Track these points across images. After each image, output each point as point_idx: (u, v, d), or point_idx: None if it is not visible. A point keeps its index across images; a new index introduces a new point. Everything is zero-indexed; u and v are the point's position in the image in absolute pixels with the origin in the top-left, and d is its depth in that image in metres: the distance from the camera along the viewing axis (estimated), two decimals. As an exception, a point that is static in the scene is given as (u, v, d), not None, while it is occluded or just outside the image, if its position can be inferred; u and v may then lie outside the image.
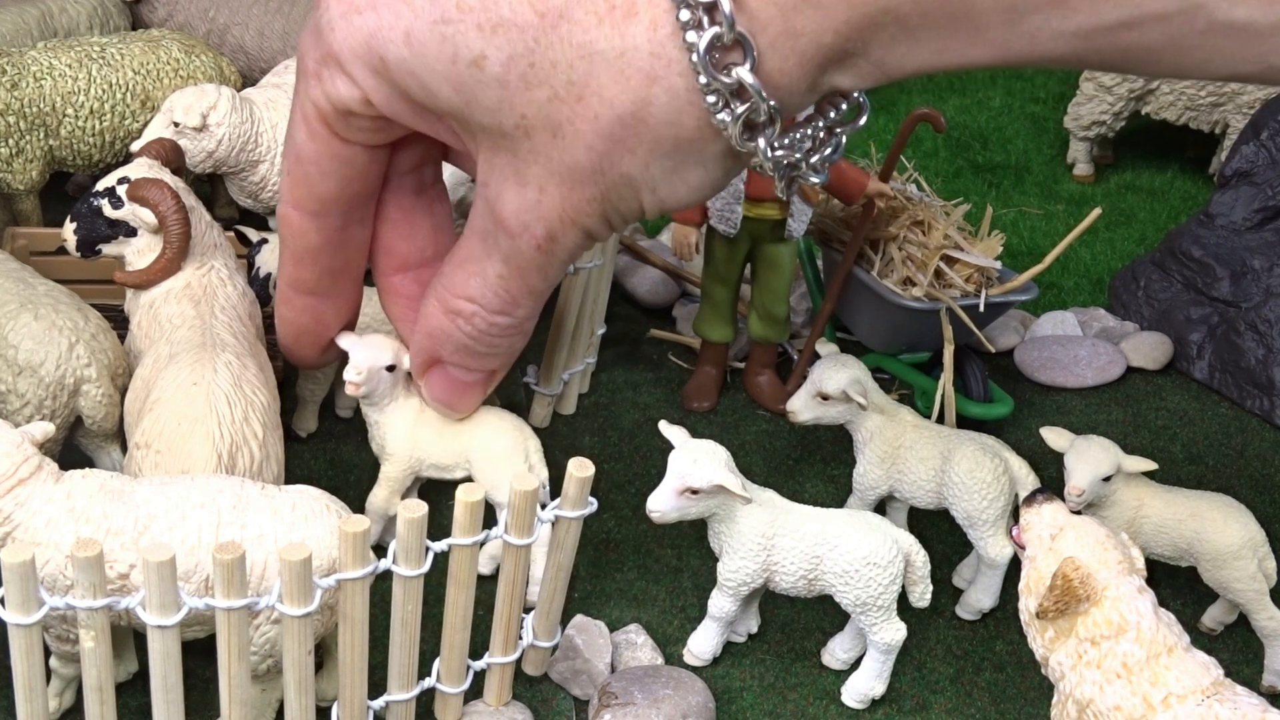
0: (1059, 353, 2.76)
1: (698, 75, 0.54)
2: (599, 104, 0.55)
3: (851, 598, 1.82)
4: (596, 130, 0.56)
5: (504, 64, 0.58)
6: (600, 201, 0.60)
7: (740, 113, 0.54)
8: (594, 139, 0.57)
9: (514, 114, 0.58)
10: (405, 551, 1.57)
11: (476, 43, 0.57)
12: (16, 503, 1.54)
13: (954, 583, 2.15)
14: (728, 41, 0.52)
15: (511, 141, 0.59)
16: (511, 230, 0.62)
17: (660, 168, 0.58)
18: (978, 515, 2.01)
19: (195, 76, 2.57)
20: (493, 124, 0.60)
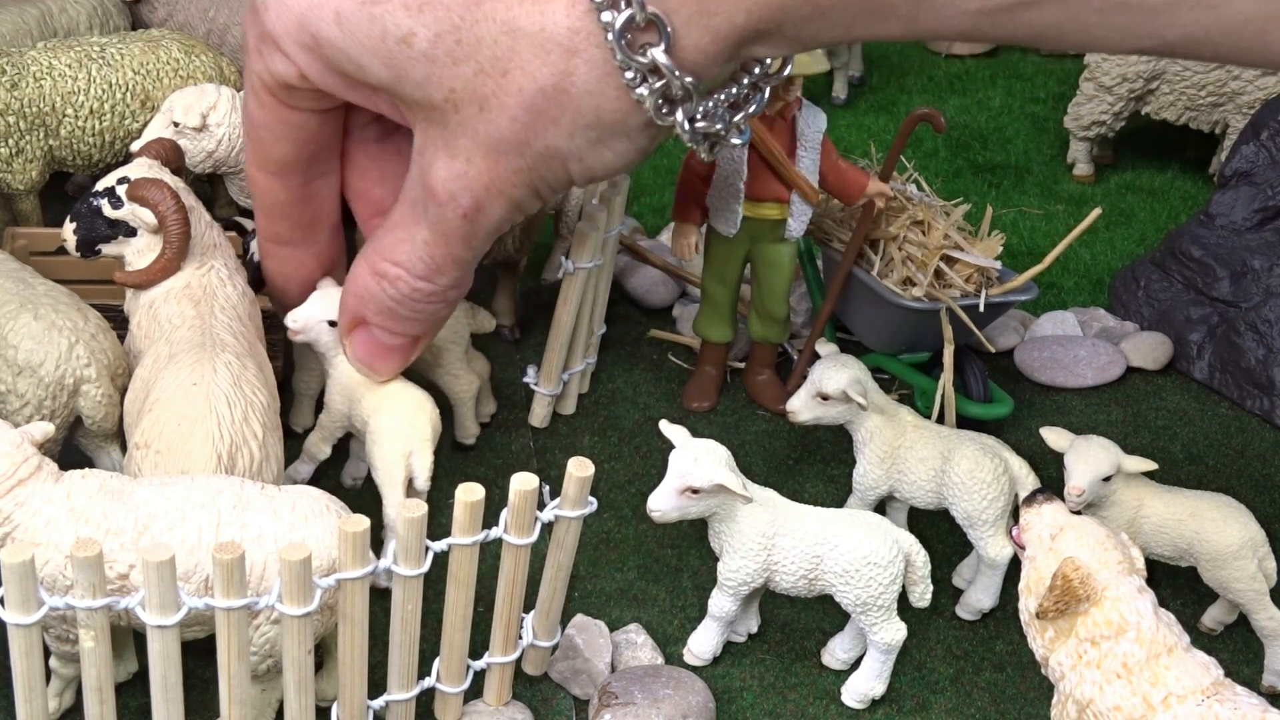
0: (1059, 353, 2.76)
1: (614, 54, 0.55)
2: (522, 77, 0.57)
3: (852, 597, 1.82)
4: (520, 103, 0.58)
5: (431, 40, 0.61)
6: (527, 172, 0.63)
7: (657, 88, 0.57)
8: (518, 111, 0.58)
9: (442, 88, 0.58)
10: (405, 551, 1.57)
11: (405, 21, 0.61)
12: (16, 503, 1.54)
13: (954, 583, 2.15)
14: (641, 22, 0.54)
15: (441, 114, 0.60)
16: (440, 199, 0.65)
17: (584, 139, 0.59)
18: (978, 515, 2.01)
19: (195, 76, 2.57)
20: (422, 98, 0.63)
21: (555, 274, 2.71)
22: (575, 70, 0.57)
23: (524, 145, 0.60)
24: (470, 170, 0.63)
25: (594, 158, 0.62)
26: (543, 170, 0.62)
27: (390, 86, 0.63)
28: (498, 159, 0.61)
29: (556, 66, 0.57)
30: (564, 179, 0.63)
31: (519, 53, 0.57)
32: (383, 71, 0.62)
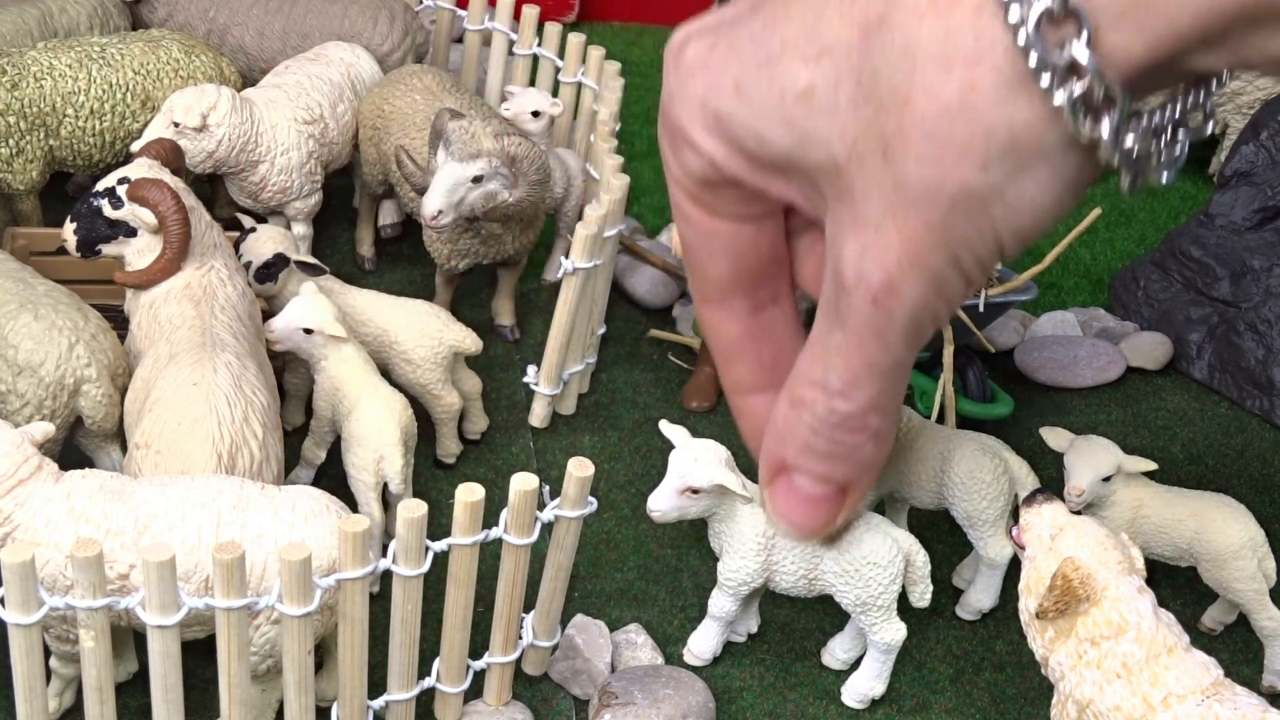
0: (1059, 353, 2.76)
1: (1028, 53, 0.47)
2: (925, 101, 0.48)
3: (852, 597, 1.82)
4: (923, 132, 0.49)
5: (831, 89, 0.52)
6: (941, 229, 0.51)
7: (1077, 94, 0.47)
8: (921, 143, 0.49)
9: (845, 140, 0.51)
10: (405, 551, 1.57)
11: (802, 75, 0.52)
12: (16, 503, 1.54)
13: (954, 583, 2.15)
14: (1059, 15, 0.46)
15: (847, 178, 0.52)
16: (848, 284, 0.54)
17: (1001, 168, 0.50)
18: (978, 515, 2.01)
19: (195, 76, 2.57)
20: (827, 160, 0.53)
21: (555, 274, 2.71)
22: (981, 81, 0.48)
23: (933, 189, 0.50)
24: (878, 239, 0.52)
25: (1016, 193, 0.50)
26: (961, 224, 0.51)
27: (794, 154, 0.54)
28: (906, 216, 0.51)
29: (961, 80, 0.47)
30: (989, 235, 0.52)
31: (919, 74, 0.48)
32: (784, 137, 0.53)
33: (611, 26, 3.82)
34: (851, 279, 0.54)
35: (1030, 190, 0.51)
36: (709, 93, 0.54)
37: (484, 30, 2.94)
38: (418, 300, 2.29)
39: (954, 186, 0.50)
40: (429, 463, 2.26)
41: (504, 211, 2.26)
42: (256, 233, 2.25)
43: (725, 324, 0.64)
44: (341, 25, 2.80)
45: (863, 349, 0.56)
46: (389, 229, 2.82)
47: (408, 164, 2.32)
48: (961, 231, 0.52)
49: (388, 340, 2.22)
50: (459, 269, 2.45)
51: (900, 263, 0.52)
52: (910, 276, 0.53)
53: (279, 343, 2.06)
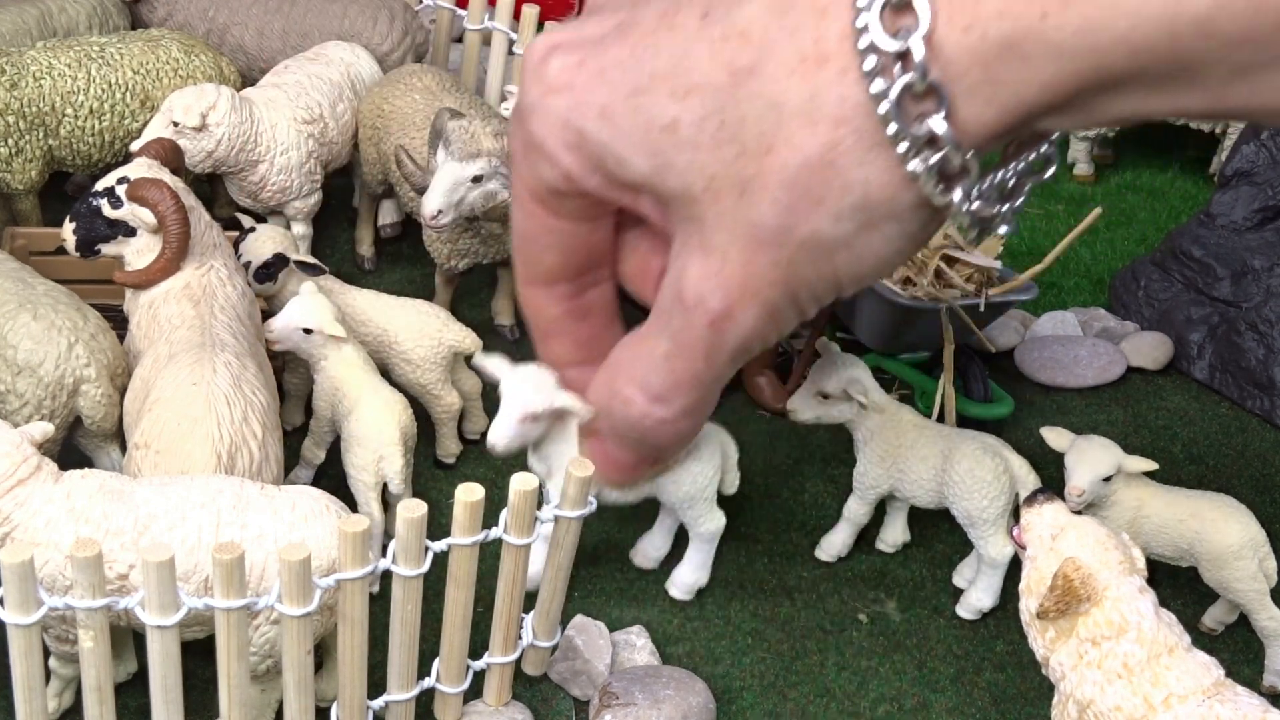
0: (1059, 353, 2.76)
1: (887, 123, 0.50)
2: (787, 152, 0.52)
3: (680, 495, 1.97)
4: (782, 180, 0.53)
5: (696, 125, 0.55)
6: (786, 267, 0.55)
7: (933, 163, 0.51)
8: (779, 191, 0.53)
9: (704, 175, 0.54)
10: (405, 551, 1.57)
11: (670, 108, 0.55)
12: (16, 503, 1.54)
13: (954, 582, 2.15)
14: (919, 90, 0.50)
15: (700, 207, 0.55)
16: (688, 303, 0.58)
17: (851, 222, 0.54)
18: (978, 514, 2.01)
19: (195, 76, 2.57)
20: (682, 188, 0.57)
21: (555, 274, 2.71)
22: (843, 141, 0.51)
23: (784, 232, 0.54)
24: (725, 268, 0.56)
25: (863, 244, 0.54)
26: (805, 267, 0.56)
27: (651, 179, 0.58)
28: (755, 251, 0.55)
29: (823, 137, 0.51)
30: (829, 278, 0.56)
31: (784, 126, 0.51)
32: (644, 163, 0.57)
33: (611, 26, 3.81)
34: (692, 300, 0.58)
35: (876, 243, 0.55)
36: (573, 113, 0.57)
37: (484, 30, 2.94)
38: (417, 300, 2.29)
39: (804, 233, 0.54)
40: (429, 463, 2.26)
41: (504, 211, 2.25)
42: (256, 233, 2.25)
43: (548, 306, 0.68)
44: (341, 25, 2.80)
45: (690, 363, 0.61)
46: (389, 229, 2.82)
47: (407, 164, 2.32)
48: (804, 273, 0.56)
49: (387, 340, 2.22)
50: (459, 269, 2.44)
51: (742, 293, 0.56)
52: (749, 307, 0.57)
53: (278, 343, 2.06)
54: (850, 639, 2.02)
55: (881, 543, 2.20)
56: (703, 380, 0.62)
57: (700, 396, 0.64)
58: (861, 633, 2.04)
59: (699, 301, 0.58)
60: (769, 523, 2.26)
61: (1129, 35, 0.46)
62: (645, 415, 0.64)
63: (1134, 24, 0.46)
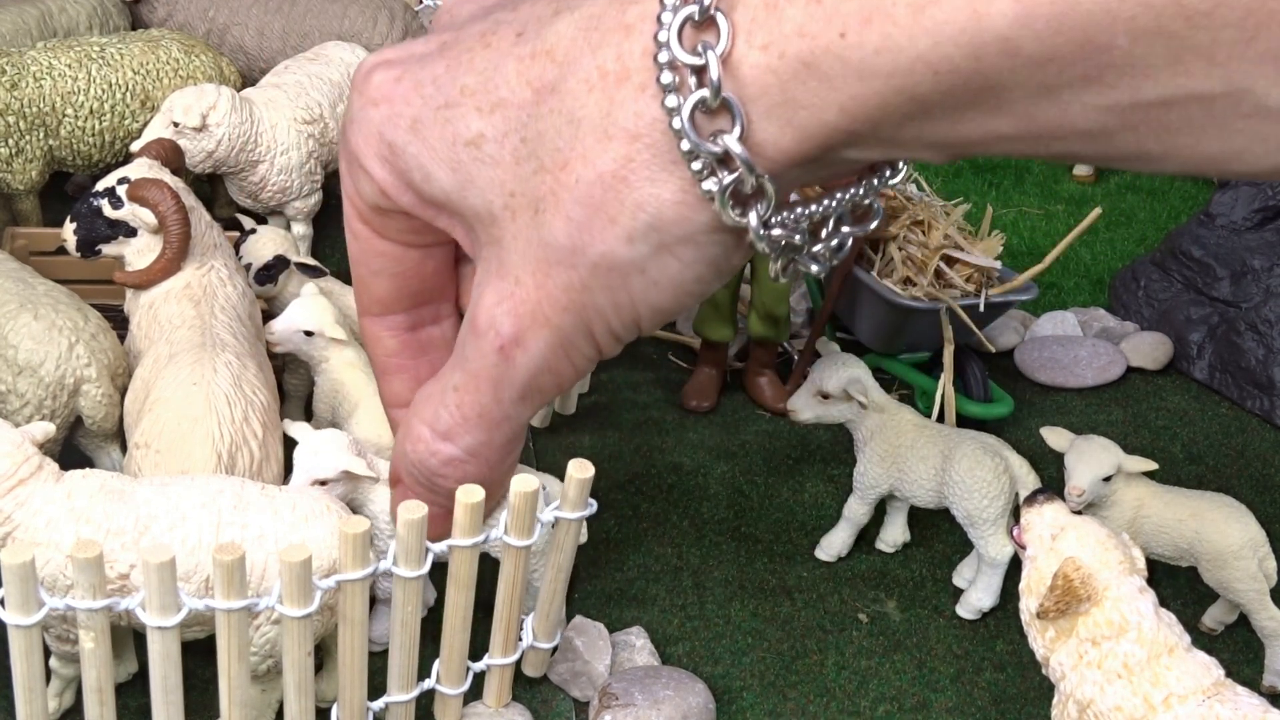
0: (1059, 353, 2.76)
1: (680, 140, 0.49)
2: (581, 166, 0.50)
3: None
4: (575, 196, 0.51)
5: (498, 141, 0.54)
6: (579, 292, 0.53)
7: (727, 183, 0.49)
8: (573, 207, 0.51)
9: (503, 192, 0.53)
10: (405, 553, 1.57)
11: (475, 123, 0.54)
12: (17, 503, 1.54)
13: (954, 582, 2.15)
14: (713, 106, 0.48)
15: (499, 228, 0.54)
16: (479, 329, 0.56)
17: (646, 244, 0.51)
18: (978, 514, 2.01)
19: (195, 76, 2.57)
20: (483, 206, 0.56)
21: (555, 274, 2.71)
22: (637, 156, 0.49)
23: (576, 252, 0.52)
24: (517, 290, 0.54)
25: (658, 269, 0.52)
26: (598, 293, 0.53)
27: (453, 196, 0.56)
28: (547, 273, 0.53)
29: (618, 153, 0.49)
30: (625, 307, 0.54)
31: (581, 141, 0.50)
32: (448, 178, 0.56)
33: (611, 26, 3.82)
34: (484, 324, 0.55)
35: (673, 268, 0.52)
36: (386, 125, 0.56)
37: (484, 30, 2.94)
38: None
39: (597, 253, 0.52)
40: (429, 463, 2.26)
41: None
42: (256, 234, 2.25)
43: (384, 339, 0.65)
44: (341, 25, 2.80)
45: (477, 395, 0.58)
46: (389, 229, 2.82)
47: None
48: (598, 299, 0.53)
49: None
50: (459, 269, 2.45)
51: (534, 317, 0.54)
52: (540, 333, 0.55)
53: (279, 344, 2.06)
54: (850, 639, 2.02)
55: (881, 543, 2.21)
56: (490, 416, 0.59)
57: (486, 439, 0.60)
58: (861, 632, 2.04)
59: (489, 326, 0.55)
60: (769, 522, 2.26)
61: (929, 55, 0.45)
62: (431, 453, 0.61)
63: (935, 43, 0.44)
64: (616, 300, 0.54)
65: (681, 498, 2.30)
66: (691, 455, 2.41)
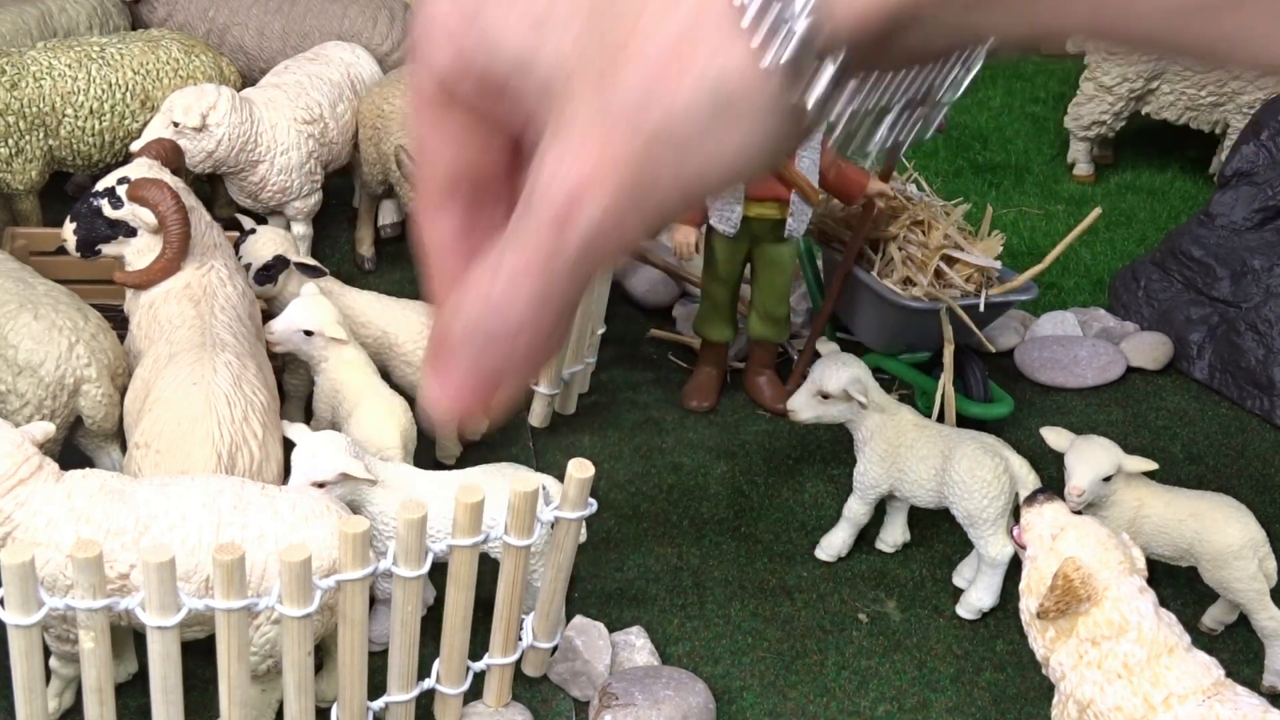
0: (1059, 353, 2.76)
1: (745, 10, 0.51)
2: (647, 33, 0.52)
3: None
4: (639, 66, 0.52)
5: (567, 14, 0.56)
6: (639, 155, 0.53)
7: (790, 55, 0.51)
8: (636, 77, 0.53)
9: (568, 66, 0.55)
10: (405, 553, 1.57)
11: None
12: (17, 502, 1.54)
13: (954, 582, 2.15)
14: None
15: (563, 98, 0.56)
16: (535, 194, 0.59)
17: (705, 112, 0.53)
18: (978, 514, 2.01)
19: (195, 76, 2.57)
20: (549, 74, 0.57)
21: (555, 274, 2.71)
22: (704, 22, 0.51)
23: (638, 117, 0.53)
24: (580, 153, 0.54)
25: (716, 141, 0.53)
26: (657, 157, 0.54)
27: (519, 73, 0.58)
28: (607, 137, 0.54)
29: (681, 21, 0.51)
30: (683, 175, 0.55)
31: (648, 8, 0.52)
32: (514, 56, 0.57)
33: (611, 26, 3.82)
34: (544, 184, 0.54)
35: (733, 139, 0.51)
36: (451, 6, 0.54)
37: (484, 30, 2.94)
38: (418, 302, 2.29)
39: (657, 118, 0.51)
40: (429, 464, 2.26)
41: (504, 211, 2.26)
42: (256, 234, 2.25)
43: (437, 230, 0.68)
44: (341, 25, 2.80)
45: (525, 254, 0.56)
46: (389, 229, 2.82)
47: (408, 164, 2.32)
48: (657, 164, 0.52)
49: (388, 342, 2.22)
50: (459, 269, 2.45)
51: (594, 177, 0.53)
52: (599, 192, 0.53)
53: (279, 344, 2.06)
54: (850, 638, 2.02)
55: (881, 543, 2.21)
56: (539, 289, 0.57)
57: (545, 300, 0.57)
58: (862, 632, 2.04)
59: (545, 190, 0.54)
60: (769, 522, 2.26)
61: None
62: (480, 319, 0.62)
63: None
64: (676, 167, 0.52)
65: (681, 498, 2.30)
66: (691, 455, 2.41)
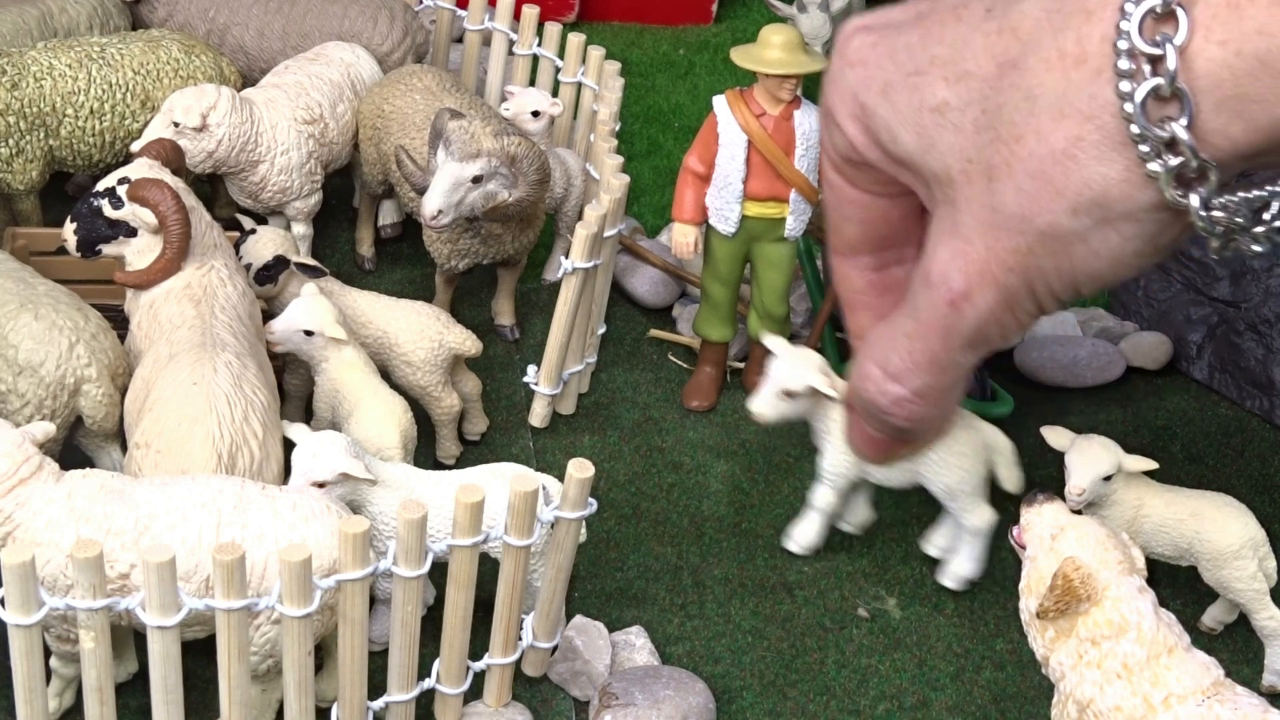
0: (1059, 353, 2.76)
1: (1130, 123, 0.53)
2: (1034, 141, 0.55)
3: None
4: (1028, 169, 0.55)
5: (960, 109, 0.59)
6: (1025, 255, 0.58)
7: (1173, 165, 0.53)
8: (1024, 179, 0.56)
9: (961, 157, 0.58)
10: (405, 552, 1.57)
11: (941, 91, 0.58)
12: (17, 503, 1.54)
13: (926, 550, 2.14)
14: (1166, 94, 0.52)
15: (955, 189, 0.59)
16: (932, 282, 0.61)
17: (1089, 217, 0.56)
18: (958, 487, 2.01)
19: (195, 76, 2.57)
20: (942, 169, 0.60)
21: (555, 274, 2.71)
22: (1087, 136, 0.54)
23: (1025, 220, 0.57)
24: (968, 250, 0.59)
25: (1099, 240, 0.56)
26: (1043, 258, 0.58)
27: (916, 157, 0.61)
28: (997, 236, 0.58)
29: (1070, 131, 0.54)
30: (1066, 273, 0.58)
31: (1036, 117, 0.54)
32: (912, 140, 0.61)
33: (611, 26, 3.82)
34: (937, 278, 0.60)
35: (1113, 240, 0.56)
36: (860, 86, 0.61)
37: (484, 30, 2.94)
38: (418, 302, 2.29)
39: (1044, 223, 0.56)
40: (429, 464, 2.26)
41: (504, 211, 2.26)
42: (256, 234, 2.25)
43: (852, 277, 0.72)
44: (341, 25, 2.80)
45: (927, 342, 0.63)
46: (389, 229, 2.82)
47: (408, 164, 2.32)
48: (1041, 263, 0.58)
49: (388, 342, 2.22)
50: (459, 269, 2.45)
51: (982, 275, 0.59)
52: (987, 289, 0.59)
53: (279, 344, 2.06)
54: (850, 636, 2.03)
55: (846, 524, 2.18)
56: (939, 362, 0.64)
57: (936, 380, 0.65)
58: (862, 630, 2.04)
59: (942, 280, 0.60)
60: (769, 520, 2.26)
61: None
62: (881, 393, 0.66)
63: None
64: (1059, 266, 0.58)
65: (681, 497, 2.30)
66: (691, 455, 2.41)
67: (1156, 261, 0.61)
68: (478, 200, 2.20)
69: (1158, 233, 0.57)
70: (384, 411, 2.00)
